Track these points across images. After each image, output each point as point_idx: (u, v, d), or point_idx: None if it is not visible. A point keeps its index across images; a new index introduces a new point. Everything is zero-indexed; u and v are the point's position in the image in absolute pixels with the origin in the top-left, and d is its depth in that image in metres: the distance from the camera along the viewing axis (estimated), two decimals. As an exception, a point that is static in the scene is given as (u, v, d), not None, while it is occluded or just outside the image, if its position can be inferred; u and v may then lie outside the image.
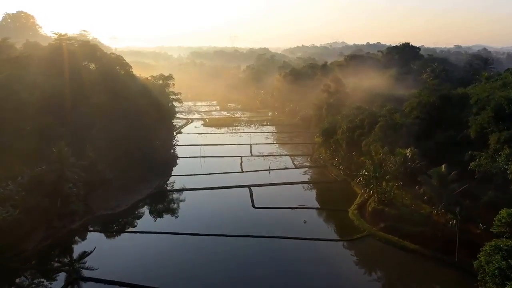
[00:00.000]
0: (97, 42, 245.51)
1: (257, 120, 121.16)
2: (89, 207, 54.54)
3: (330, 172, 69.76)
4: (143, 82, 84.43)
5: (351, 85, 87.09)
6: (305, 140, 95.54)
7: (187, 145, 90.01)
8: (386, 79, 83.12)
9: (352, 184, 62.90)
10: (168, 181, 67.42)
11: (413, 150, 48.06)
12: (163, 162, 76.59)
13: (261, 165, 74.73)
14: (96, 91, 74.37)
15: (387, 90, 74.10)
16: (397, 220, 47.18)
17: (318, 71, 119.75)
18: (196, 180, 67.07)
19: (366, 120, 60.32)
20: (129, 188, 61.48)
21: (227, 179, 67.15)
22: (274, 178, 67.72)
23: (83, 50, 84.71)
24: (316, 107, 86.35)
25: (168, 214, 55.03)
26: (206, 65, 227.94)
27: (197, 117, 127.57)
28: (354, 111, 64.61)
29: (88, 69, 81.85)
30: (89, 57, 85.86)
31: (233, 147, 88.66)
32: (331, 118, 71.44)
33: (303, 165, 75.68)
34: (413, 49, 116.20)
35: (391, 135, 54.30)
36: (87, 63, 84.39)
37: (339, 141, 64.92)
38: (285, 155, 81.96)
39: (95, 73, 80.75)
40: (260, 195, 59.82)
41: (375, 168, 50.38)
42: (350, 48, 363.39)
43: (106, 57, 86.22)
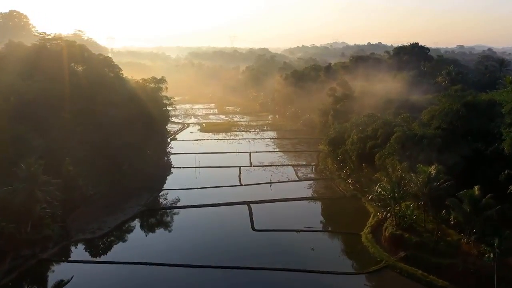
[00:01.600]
0: (92, 42, 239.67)
1: (257, 125, 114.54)
2: (66, 230, 47.98)
3: (338, 186, 63.18)
4: (133, 86, 77.79)
5: (358, 88, 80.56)
6: (309, 147, 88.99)
7: (182, 154, 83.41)
8: (397, 83, 76.58)
9: (363, 200, 56.42)
10: (159, 196, 60.76)
11: (438, 167, 41.47)
12: (155, 174, 70.07)
13: (261, 177, 68.15)
14: (81, 96, 68.02)
15: (400, 95, 67.54)
16: (419, 249, 40.68)
17: (322, 73, 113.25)
18: (190, 195, 60.50)
19: (379, 130, 53.80)
20: (114, 206, 54.95)
21: (224, 194, 60.56)
22: (276, 193, 61.20)
23: (69, 51, 78.32)
24: (321, 113, 79.82)
25: (156, 238, 48.26)
26: (204, 66, 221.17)
27: (193, 121, 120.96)
28: (365, 119, 58.07)
29: (74, 72, 75.36)
30: (76, 58, 79.46)
31: (231, 155, 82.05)
32: (338, 126, 64.88)
33: (308, 177, 69.08)
34: (422, 49, 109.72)
35: (409, 148, 47.75)
36: (73, 65, 78.08)
37: (349, 152, 58.37)
38: (288, 165, 75.36)
39: (81, 76, 74.38)
40: (261, 214, 53.28)
41: (393, 187, 43.82)
42: (351, 48, 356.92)
43: (94, 58, 79.68)
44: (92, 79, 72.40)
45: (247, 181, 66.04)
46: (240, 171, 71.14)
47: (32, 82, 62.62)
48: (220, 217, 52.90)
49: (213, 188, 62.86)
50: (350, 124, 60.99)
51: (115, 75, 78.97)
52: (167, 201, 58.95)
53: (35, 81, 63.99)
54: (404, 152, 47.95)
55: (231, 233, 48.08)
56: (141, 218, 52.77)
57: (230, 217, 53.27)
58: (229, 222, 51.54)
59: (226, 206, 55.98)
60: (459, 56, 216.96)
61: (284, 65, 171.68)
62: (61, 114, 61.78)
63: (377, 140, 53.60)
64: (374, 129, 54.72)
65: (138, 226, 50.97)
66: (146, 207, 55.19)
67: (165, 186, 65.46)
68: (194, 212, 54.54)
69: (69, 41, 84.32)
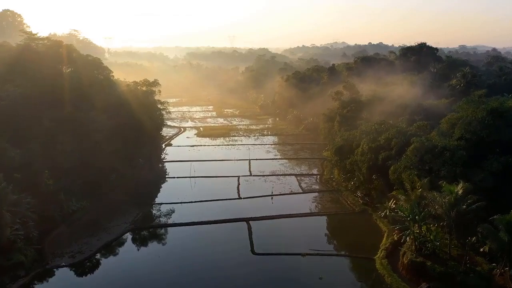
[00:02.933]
0: (87, 42, 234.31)
1: (257, 129, 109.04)
2: (42, 255, 42.54)
3: (345, 199, 57.77)
4: (124, 89, 72.35)
5: (366, 92, 75.12)
6: (312, 154, 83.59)
7: (176, 161, 77.91)
8: (407, 86, 71.13)
9: (374, 217, 51.04)
10: (150, 211, 55.21)
11: (465, 185, 36.06)
12: (146, 185, 64.67)
13: (261, 188, 62.70)
14: (67, 101, 62.77)
15: (412, 99, 62.08)
16: (445, 280, 35.29)
17: (325, 74, 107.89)
18: (183, 210, 55.06)
19: (393, 139, 48.37)
20: (99, 224, 49.49)
21: (221, 208, 55.14)
22: (278, 207, 55.79)
23: (55, 52, 72.98)
24: (326, 118, 74.33)
25: (141, 264, 42.37)
26: (203, 67, 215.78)
27: (190, 125, 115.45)
28: (376, 126, 52.61)
29: (60, 74, 69.91)
30: (62, 59, 74.07)
31: (229, 163, 76.56)
32: (346, 134, 59.42)
33: (312, 188, 63.62)
34: (430, 50, 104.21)
35: (429, 161, 42.33)
36: (60, 67, 72.72)
37: (358, 163, 52.93)
38: (290, 175, 69.85)
39: (68, 79, 68.97)
40: (261, 233, 47.85)
41: (412, 208, 38.40)
42: (353, 48, 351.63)
43: (82, 59, 74.26)
44: (80, 82, 67.18)
45: (247, 193, 60.60)
46: (239, 182, 65.70)
47: (11, 86, 57.24)
48: (216, 237, 47.39)
49: (209, 202, 57.39)
50: (360, 132, 55.54)
51: (105, 77, 73.66)
52: (158, 218, 53.44)
53: (16, 85, 58.59)
54: (423, 166, 42.58)
55: (227, 258, 42.51)
56: (127, 238, 47.20)
57: (228, 236, 47.76)
58: (226, 243, 45.99)
59: (223, 223, 50.54)
60: (464, 56, 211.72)
61: (285, 66, 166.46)
62: (43, 121, 56.45)
63: (390, 151, 48.18)
64: (387, 139, 49.28)
65: (123, 249, 45.37)
66: (134, 226, 49.63)
67: (157, 199, 59.91)
68: (187, 231, 49.04)
69: (56, 41, 78.87)
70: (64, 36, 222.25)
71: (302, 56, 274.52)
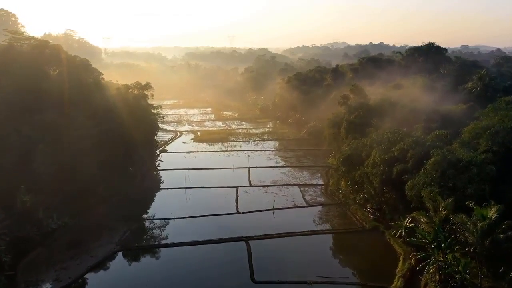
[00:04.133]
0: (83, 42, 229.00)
1: (257, 133, 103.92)
2: (15, 282, 37.59)
3: (354, 214, 52.76)
4: (114, 93, 67.32)
5: (373, 95, 70.09)
6: (316, 161, 78.56)
7: (171, 170, 72.84)
8: (418, 89, 66.10)
9: (387, 235, 46.03)
10: (139, 229, 50.09)
11: (498, 207, 31.09)
12: (137, 198, 59.66)
13: (262, 201, 57.68)
14: (49, 105, 58.03)
15: (426, 104, 57.05)
16: (476, 320, 30.38)
17: (328, 75, 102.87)
18: (176, 227, 50.07)
19: (409, 151, 43.35)
20: (81, 245, 44.42)
21: (217, 225, 50.15)
22: (280, 223, 50.85)
23: (40, 52, 68.23)
24: (331, 124, 69.24)
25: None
26: (201, 67, 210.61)
27: (187, 129, 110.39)
28: (389, 135, 47.56)
29: (45, 76, 65.11)
30: (49, 60, 69.32)
31: (227, 172, 71.52)
32: (354, 143, 54.39)
33: (317, 201, 58.58)
34: (439, 50, 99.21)
35: (453, 177, 37.33)
36: (46, 68, 67.87)
37: (369, 175, 47.90)
38: (293, 185, 64.82)
39: (53, 81, 64.20)
40: (262, 255, 42.80)
41: (436, 233, 33.39)
42: (354, 48, 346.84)
43: (70, 61, 69.29)
44: (66, 86, 62.43)
45: (246, 207, 55.57)
46: (237, 193, 60.67)
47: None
48: (211, 260, 42.37)
49: (205, 218, 52.38)
50: (370, 140, 50.50)
51: (94, 80, 68.71)
52: (148, 236, 48.46)
53: (-6, 88, 53.71)
54: (445, 183, 37.55)
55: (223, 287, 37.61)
56: (111, 262, 42.11)
57: (224, 259, 42.75)
58: (222, 267, 41.00)
59: (220, 243, 45.50)
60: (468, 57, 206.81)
61: (286, 67, 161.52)
62: (22, 128, 51.51)
63: (406, 164, 43.16)
64: (402, 150, 44.25)
65: (106, 275, 40.32)
66: (120, 247, 44.54)
67: (148, 213, 54.86)
68: (178, 253, 44.05)
69: (42, 40, 74.03)
70: (59, 36, 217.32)
71: (303, 56, 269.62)
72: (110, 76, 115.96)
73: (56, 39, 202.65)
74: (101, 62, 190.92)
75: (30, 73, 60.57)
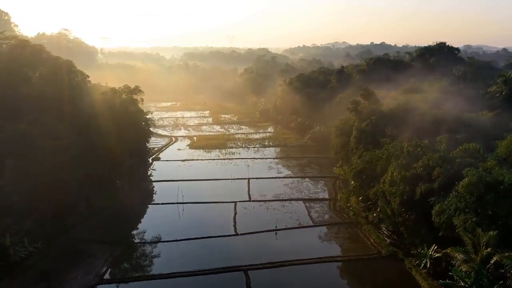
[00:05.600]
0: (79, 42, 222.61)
1: (257, 138, 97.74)
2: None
3: (368, 236, 46.64)
4: (100, 98, 61.09)
5: (386, 100, 64.01)
6: (321, 170, 72.33)
7: (163, 181, 66.70)
8: (435, 93, 59.90)
9: (408, 265, 39.94)
10: (123, 255, 43.86)
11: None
12: (123, 216, 53.46)
13: (263, 220, 51.58)
14: (26, 111, 51.95)
15: (446, 111, 50.87)
16: None
17: (333, 77, 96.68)
18: (166, 251, 44.01)
19: (436, 168, 37.19)
20: (54, 276, 38.29)
21: (213, 250, 44.04)
22: (283, 246, 44.82)
23: (19, 53, 62.03)
24: (339, 131, 63.08)
25: None
26: (200, 68, 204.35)
27: (183, 133, 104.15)
28: (410, 148, 41.37)
29: (24, 79, 59.00)
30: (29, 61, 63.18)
31: (225, 184, 65.39)
32: (367, 155, 48.23)
33: (324, 219, 52.41)
34: (451, 50, 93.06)
35: (492, 203, 31.18)
36: (26, 70, 61.73)
37: (386, 194, 41.72)
38: (297, 200, 58.70)
39: (32, 85, 58.15)
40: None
41: (478, 275, 27.25)
42: (355, 48, 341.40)
43: (52, 62, 63.09)
44: (46, 89, 56.44)
45: (245, 227, 49.39)
46: (235, 210, 54.53)
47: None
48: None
49: (199, 241, 46.24)
50: (387, 154, 44.34)
51: (78, 83, 62.52)
52: (133, 263, 42.28)
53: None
54: (483, 210, 31.41)
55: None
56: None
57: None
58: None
59: (215, 274, 39.37)
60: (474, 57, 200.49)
61: (286, 67, 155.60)
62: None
63: (432, 183, 37.01)
64: (427, 166, 38.10)
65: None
66: (99, 278, 38.39)
67: (135, 235, 48.62)
68: (167, 286, 37.90)
69: (22, 40, 67.65)
70: (53, 35, 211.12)
71: (304, 57, 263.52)
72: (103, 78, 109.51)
73: (50, 38, 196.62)
74: (95, 63, 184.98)
75: (7, 76, 54.65)
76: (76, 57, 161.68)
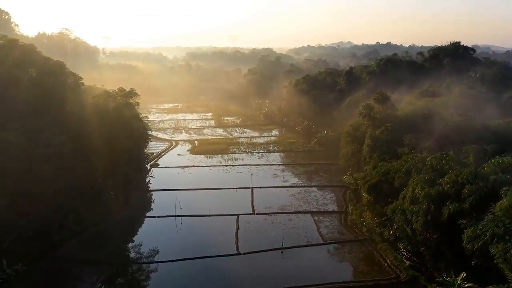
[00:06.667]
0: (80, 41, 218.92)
1: (261, 143, 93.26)
2: None
3: (384, 257, 42.06)
4: (92, 102, 56.80)
5: (397, 103, 59.41)
6: (330, 178, 67.70)
7: (160, 190, 62.45)
8: (457, 98, 55.16)
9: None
10: (113, 278, 39.57)
11: None
12: (115, 231, 49.15)
13: (268, 236, 47.19)
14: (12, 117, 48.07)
15: (470, 118, 46.19)
16: None
17: (341, 79, 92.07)
18: (161, 274, 39.65)
19: (467, 186, 32.55)
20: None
21: (211, 274, 39.64)
22: (290, 268, 40.56)
23: (7, 53, 58.03)
24: (350, 138, 58.49)
25: None
26: (202, 68, 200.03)
27: (184, 137, 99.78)
28: (434, 161, 36.71)
29: (13, 81, 54.91)
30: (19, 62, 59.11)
31: (227, 194, 61.01)
32: (383, 166, 43.63)
33: (335, 236, 47.78)
34: (466, 50, 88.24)
35: (538, 230, 26.54)
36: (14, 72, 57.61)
37: (407, 213, 37.09)
38: (304, 212, 54.23)
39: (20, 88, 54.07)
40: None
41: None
42: (361, 48, 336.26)
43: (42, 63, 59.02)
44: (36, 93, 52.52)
45: (248, 244, 44.93)
46: (238, 225, 50.06)
47: None
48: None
49: (198, 261, 41.87)
50: (406, 166, 39.73)
51: (70, 86, 58.36)
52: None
53: None
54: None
55: None
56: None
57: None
58: None
59: (214, 303, 35.07)
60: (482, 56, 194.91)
61: (292, 68, 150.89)
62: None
63: (462, 203, 32.39)
64: (455, 183, 33.46)
65: None
66: (84, 309, 34.17)
67: (128, 253, 44.37)
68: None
69: (11, 39, 63.49)
70: (54, 35, 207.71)
71: (309, 57, 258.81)
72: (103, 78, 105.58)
73: (51, 38, 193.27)
74: (96, 63, 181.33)
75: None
76: (78, 57, 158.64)
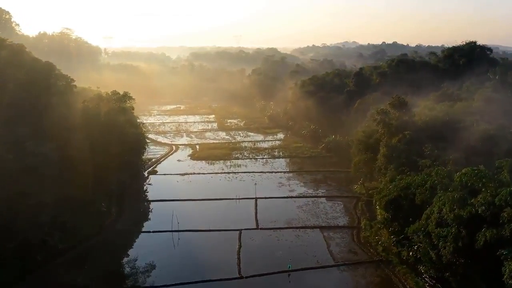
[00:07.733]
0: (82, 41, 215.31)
1: (265, 147, 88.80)
2: None
3: (403, 282, 37.58)
4: (84, 106, 52.63)
5: (414, 108, 54.77)
6: (340, 188, 63.13)
7: (157, 201, 58.22)
8: (481, 102, 50.43)
9: (461, 328, 30.74)
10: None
11: None
12: (107, 248, 44.90)
13: (273, 255, 42.87)
14: None
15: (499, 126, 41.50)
16: None
17: (350, 80, 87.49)
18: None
19: (506, 209, 27.96)
20: None
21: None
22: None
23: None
24: (362, 146, 53.92)
25: None
26: (205, 68, 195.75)
27: (185, 141, 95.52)
28: (463, 178, 32.13)
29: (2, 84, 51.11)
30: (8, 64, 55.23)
31: (229, 205, 56.72)
32: (403, 180, 39.07)
33: (348, 256, 43.18)
34: (483, 50, 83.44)
35: None
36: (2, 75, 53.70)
37: (432, 237, 32.53)
38: (313, 227, 49.75)
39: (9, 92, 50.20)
40: None
41: None
42: (367, 48, 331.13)
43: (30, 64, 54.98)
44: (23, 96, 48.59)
45: (251, 267, 40.53)
46: (240, 242, 45.66)
47: None
48: None
49: (195, 286, 37.56)
50: (430, 181, 35.18)
51: (60, 89, 54.31)
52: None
53: None
54: None
55: None
56: None
57: None
58: None
59: None
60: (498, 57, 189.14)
61: (297, 68, 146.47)
62: None
63: (500, 228, 27.82)
64: (492, 205, 28.88)
65: None
66: None
67: (118, 276, 40.10)
68: None
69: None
70: (55, 35, 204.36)
71: (314, 57, 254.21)
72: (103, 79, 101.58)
73: (52, 38, 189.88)
74: (97, 63, 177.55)
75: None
76: (79, 58, 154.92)
